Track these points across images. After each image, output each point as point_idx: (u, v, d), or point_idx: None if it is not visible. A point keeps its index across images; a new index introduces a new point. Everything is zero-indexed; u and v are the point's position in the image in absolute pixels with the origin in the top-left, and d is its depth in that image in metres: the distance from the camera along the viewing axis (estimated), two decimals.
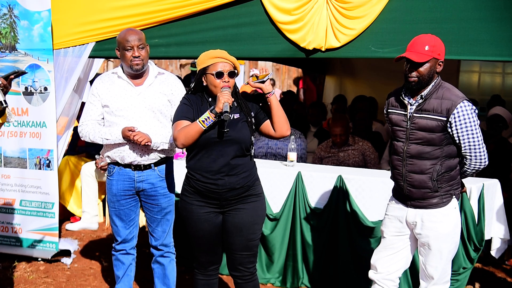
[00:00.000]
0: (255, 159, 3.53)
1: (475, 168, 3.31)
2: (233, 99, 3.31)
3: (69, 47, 5.08)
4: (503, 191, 4.66)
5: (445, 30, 4.18)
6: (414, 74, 3.22)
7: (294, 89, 14.41)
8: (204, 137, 3.30)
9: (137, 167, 3.82)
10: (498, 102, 7.44)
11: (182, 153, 5.14)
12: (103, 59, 5.99)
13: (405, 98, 3.31)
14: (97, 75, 7.40)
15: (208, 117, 3.24)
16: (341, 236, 4.56)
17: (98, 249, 5.62)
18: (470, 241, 4.29)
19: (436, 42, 3.23)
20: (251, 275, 3.52)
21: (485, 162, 3.28)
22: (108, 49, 4.99)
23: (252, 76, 3.38)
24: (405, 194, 3.35)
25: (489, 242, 4.60)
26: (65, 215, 6.43)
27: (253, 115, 3.44)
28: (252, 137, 3.39)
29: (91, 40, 5.04)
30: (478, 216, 4.31)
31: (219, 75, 3.32)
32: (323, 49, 4.50)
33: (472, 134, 3.20)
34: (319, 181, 4.66)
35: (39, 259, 5.17)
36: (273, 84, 14.70)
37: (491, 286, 4.89)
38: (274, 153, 5.78)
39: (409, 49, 3.24)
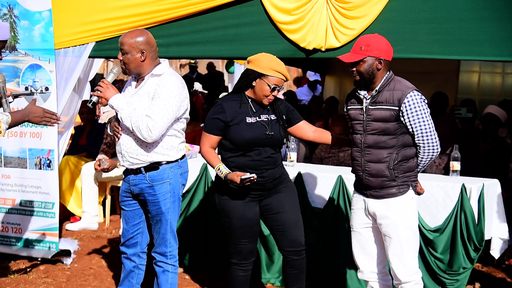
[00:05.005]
0: None
1: (429, 156, 3.41)
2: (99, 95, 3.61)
3: (69, 47, 5.08)
4: (503, 191, 4.66)
5: (445, 30, 4.18)
6: (354, 72, 3.43)
7: (294, 89, 14.41)
8: (252, 138, 3.62)
9: (131, 170, 3.73)
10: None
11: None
12: (103, 59, 5.99)
13: (360, 93, 3.47)
14: (97, 75, 7.40)
15: (222, 172, 3.56)
16: (341, 236, 4.56)
17: (98, 249, 5.62)
18: (470, 241, 4.30)
19: (373, 41, 3.38)
20: (304, 250, 3.78)
21: (437, 148, 3.40)
22: (108, 49, 4.99)
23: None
24: (364, 184, 3.49)
25: (489, 242, 4.60)
26: (65, 215, 6.43)
27: (284, 117, 3.78)
28: (284, 138, 3.76)
29: (91, 40, 5.03)
30: (478, 216, 4.31)
31: (274, 89, 3.63)
32: (323, 49, 4.50)
33: (424, 121, 3.34)
34: (319, 181, 4.66)
35: (39, 259, 5.17)
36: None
37: (491, 286, 4.89)
38: None
39: (352, 49, 3.46)
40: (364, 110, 3.44)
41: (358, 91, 3.48)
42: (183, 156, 3.78)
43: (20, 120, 3.60)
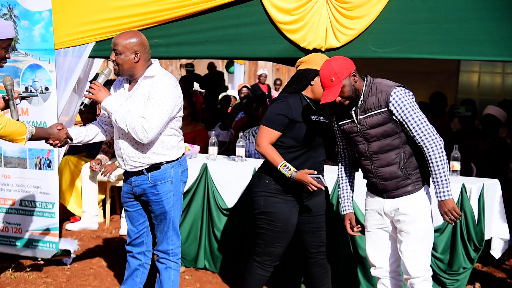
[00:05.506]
0: (254, 160, 3.65)
1: (437, 147, 3.27)
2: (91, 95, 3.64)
3: (69, 47, 5.08)
4: (503, 191, 4.66)
5: (445, 30, 4.19)
6: (341, 100, 3.38)
7: None
8: (312, 138, 3.64)
9: (133, 172, 3.74)
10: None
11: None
12: (103, 59, 5.99)
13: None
14: (97, 75, 7.39)
15: (289, 169, 3.56)
16: (341, 236, 4.56)
17: (98, 249, 5.62)
18: (470, 241, 4.30)
19: (335, 67, 3.34)
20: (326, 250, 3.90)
21: (439, 136, 3.30)
22: (108, 49, 4.94)
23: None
24: (380, 189, 3.48)
25: (489, 242, 4.60)
26: (65, 215, 6.43)
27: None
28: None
29: (91, 40, 5.04)
30: (478, 216, 4.32)
31: None
32: (323, 49, 4.50)
33: (414, 113, 3.30)
34: None
35: (39, 259, 5.18)
36: (280, 84, 14.64)
37: (491, 286, 4.90)
38: None
39: (323, 87, 3.38)
40: (357, 121, 3.42)
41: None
42: (183, 154, 3.80)
43: (41, 136, 3.68)
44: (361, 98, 3.39)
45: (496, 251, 4.64)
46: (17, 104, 3.75)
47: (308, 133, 3.64)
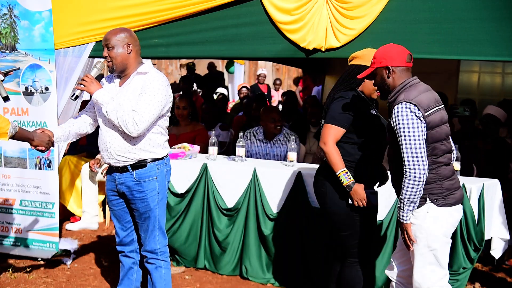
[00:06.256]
0: (254, 160, 3.64)
1: (411, 177, 3.13)
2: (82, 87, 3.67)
3: (69, 47, 5.09)
4: (503, 191, 4.66)
5: (445, 30, 4.19)
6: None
7: (294, 89, 14.40)
8: (375, 133, 3.66)
9: (117, 169, 3.74)
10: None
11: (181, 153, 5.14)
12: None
13: None
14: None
15: (349, 178, 3.59)
16: None
17: (98, 249, 5.62)
18: (470, 241, 4.30)
19: (380, 52, 3.33)
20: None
21: (419, 170, 3.11)
22: None
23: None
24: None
25: (489, 242, 4.60)
26: (65, 215, 6.43)
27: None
28: None
29: (91, 40, 5.04)
30: (478, 216, 4.32)
31: None
32: (323, 49, 4.51)
33: (404, 134, 3.13)
34: None
35: (39, 259, 5.18)
36: (279, 84, 14.63)
37: (491, 286, 4.90)
38: (271, 160, 5.73)
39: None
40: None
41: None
42: (167, 154, 3.83)
43: (25, 137, 3.70)
44: (388, 101, 3.34)
45: (496, 251, 4.64)
46: (2, 80, 3.80)
47: (372, 128, 3.66)
